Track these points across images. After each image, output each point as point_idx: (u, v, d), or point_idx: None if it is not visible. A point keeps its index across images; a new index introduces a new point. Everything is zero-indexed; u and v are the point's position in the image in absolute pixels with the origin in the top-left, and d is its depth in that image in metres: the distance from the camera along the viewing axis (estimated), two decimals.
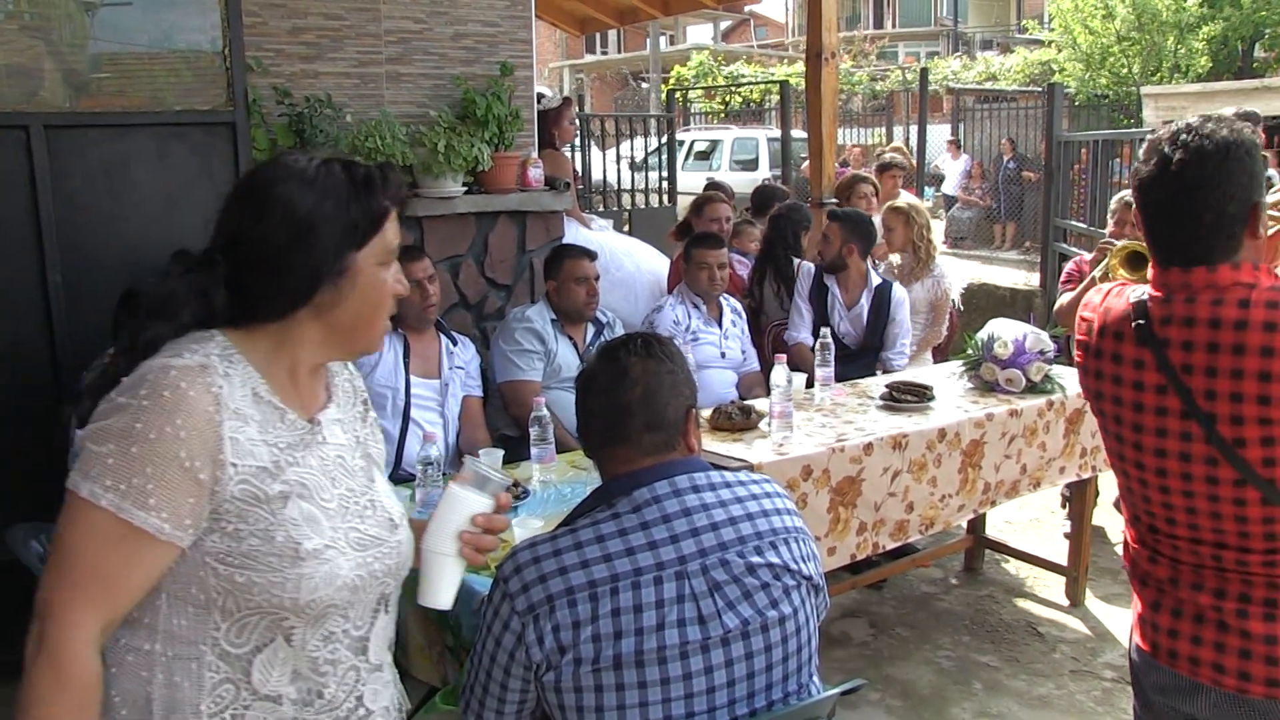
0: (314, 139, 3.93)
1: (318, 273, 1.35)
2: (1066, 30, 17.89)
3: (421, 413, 3.62)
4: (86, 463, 1.25)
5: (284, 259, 1.34)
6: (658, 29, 24.35)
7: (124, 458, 1.24)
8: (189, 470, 1.26)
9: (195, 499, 1.27)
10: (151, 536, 1.25)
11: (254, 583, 1.31)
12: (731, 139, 15.48)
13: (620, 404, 1.67)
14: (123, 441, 1.24)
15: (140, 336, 1.33)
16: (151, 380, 1.27)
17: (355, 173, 1.40)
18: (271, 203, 1.36)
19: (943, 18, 31.26)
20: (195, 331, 1.35)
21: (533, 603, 1.56)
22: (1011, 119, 13.91)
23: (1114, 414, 1.76)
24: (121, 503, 1.24)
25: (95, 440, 1.25)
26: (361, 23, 4.18)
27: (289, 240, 1.34)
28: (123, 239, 3.39)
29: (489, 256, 4.51)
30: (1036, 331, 3.84)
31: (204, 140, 3.52)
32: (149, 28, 3.46)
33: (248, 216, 1.36)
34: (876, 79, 20.14)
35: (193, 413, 1.26)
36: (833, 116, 5.69)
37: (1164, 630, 1.75)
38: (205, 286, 1.35)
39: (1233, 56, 18.12)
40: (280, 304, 1.36)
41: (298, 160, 1.39)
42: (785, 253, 4.98)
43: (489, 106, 4.31)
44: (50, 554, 1.29)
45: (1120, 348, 1.73)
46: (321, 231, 1.35)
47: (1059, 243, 7.96)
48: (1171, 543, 1.73)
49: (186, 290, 1.35)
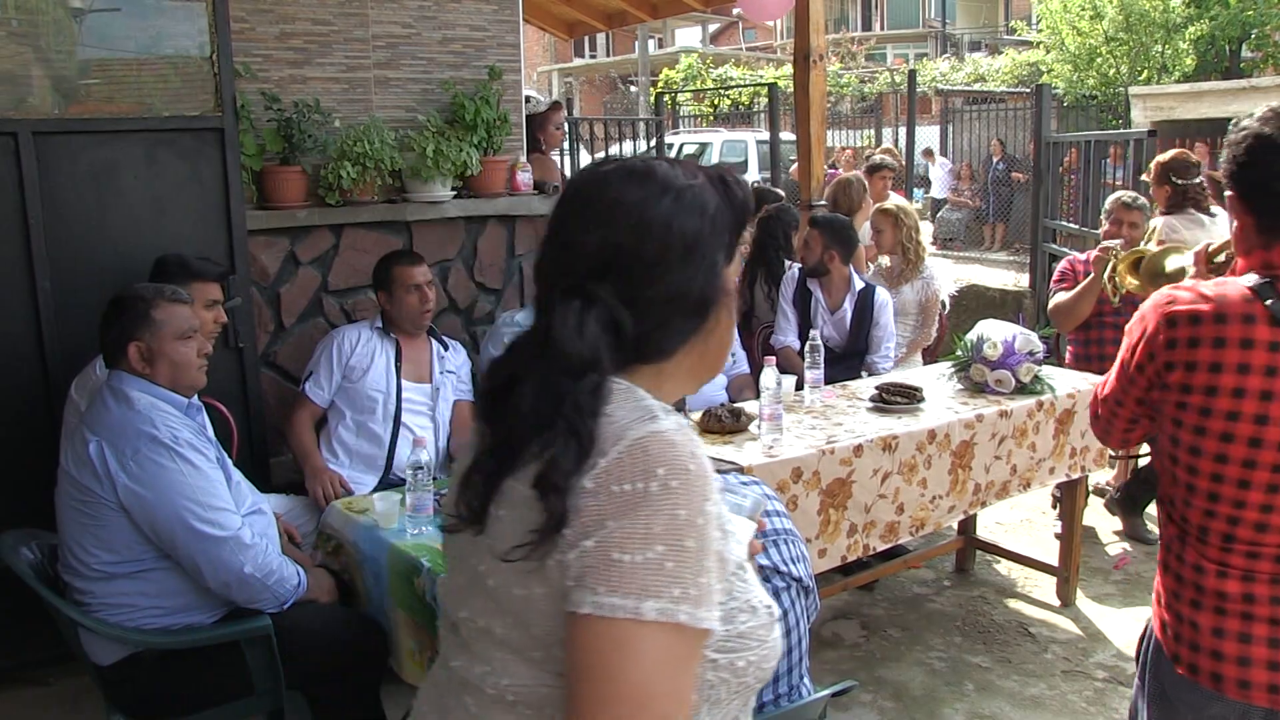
0: (303, 144, 3.93)
1: (709, 298, 1.18)
2: (1054, 31, 17.96)
3: (413, 417, 3.62)
4: (629, 577, 1.00)
5: (680, 285, 1.15)
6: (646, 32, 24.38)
7: (681, 555, 1.01)
8: (719, 551, 1.07)
9: (722, 582, 1.09)
10: (709, 634, 1.04)
11: (750, 662, 1.13)
12: (720, 142, 15.51)
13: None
14: (671, 538, 1.01)
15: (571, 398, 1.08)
16: (663, 455, 1.05)
17: (714, 178, 1.22)
18: (652, 221, 1.14)
19: (931, 19, 31.35)
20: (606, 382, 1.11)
21: None
22: (1000, 120, 13.97)
23: (1229, 409, 1.65)
24: (696, 611, 1.01)
25: (624, 548, 1.01)
26: (349, 28, 4.18)
27: (683, 263, 1.15)
28: (111, 245, 3.38)
29: (478, 261, 4.51)
30: (1026, 332, 3.85)
31: (192, 146, 3.51)
32: (137, 34, 3.45)
33: (625, 236, 1.14)
34: (865, 81, 20.19)
35: (712, 483, 1.07)
36: (821, 118, 5.70)
37: (1231, 659, 1.68)
38: (609, 325, 1.12)
39: (1220, 56, 18.19)
40: (675, 337, 1.17)
41: (660, 168, 1.19)
42: (777, 254, 4.99)
43: (477, 111, 4.31)
44: (615, 709, 0.99)
45: (1252, 331, 1.64)
46: (709, 248, 1.17)
47: (1048, 243, 7.98)
48: (1251, 550, 1.67)
49: (596, 333, 1.11)
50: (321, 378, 3.57)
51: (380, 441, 3.58)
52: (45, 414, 3.27)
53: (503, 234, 4.57)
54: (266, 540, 2.61)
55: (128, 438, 2.44)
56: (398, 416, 3.59)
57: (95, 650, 2.54)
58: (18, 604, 2.78)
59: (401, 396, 3.60)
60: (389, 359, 3.61)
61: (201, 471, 2.49)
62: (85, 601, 2.50)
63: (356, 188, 4.03)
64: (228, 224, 3.61)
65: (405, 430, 3.58)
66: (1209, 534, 1.70)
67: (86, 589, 2.49)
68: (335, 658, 2.64)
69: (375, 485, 3.49)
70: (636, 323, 1.12)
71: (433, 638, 2.49)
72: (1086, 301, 4.41)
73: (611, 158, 1.28)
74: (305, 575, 2.68)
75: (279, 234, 3.98)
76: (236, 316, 3.58)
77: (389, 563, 2.66)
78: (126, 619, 2.50)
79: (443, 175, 4.19)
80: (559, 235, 1.18)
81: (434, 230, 4.33)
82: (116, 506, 2.43)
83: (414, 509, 2.73)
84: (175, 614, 2.54)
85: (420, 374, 3.68)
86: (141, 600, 2.51)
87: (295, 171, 3.96)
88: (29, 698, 3.40)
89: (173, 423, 2.51)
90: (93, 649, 2.54)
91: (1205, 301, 1.68)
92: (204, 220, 3.56)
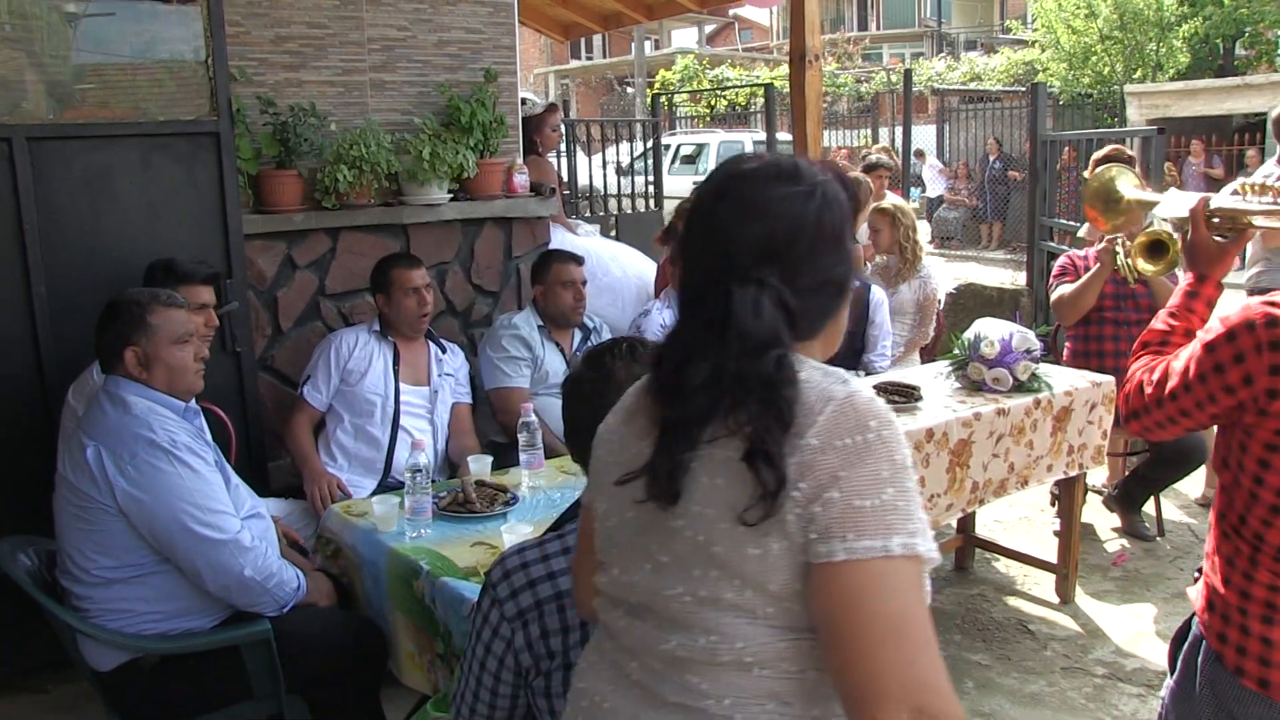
0: (299, 148, 3.93)
1: (847, 280, 1.31)
2: (1049, 30, 18.01)
3: (411, 420, 3.61)
4: (873, 520, 1.13)
5: (828, 271, 1.27)
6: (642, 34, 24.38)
7: (907, 495, 1.15)
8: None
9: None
10: (934, 562, 1.17)
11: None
12: (717, 142, 15.52)
13: (605, 409, 1.68)
14: (897, 480, 1.15)
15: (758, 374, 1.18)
16: (870, 410, 1.18)
17: (836, 174, 1.33)
18: (806, 215, 1.26)
19: (926, 19, 31.38)
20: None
21: (521, 608, 1.57)
22: (996, 119, 14.01)
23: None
24: (927, 541, 1.15)
25: (862, 495, 1.14)
26: (345, 31, 4.18)
27: (830, 251, 1.27)
28: (107, 250, 3.38)
29: (475, 263, 4.51)
30: (1023, 330, 3.85)
31: (188, 150, 3.51)
32: (132, 38, 3.45)
33: (783, 229, 1.25)
34: (861, 81, 20.21)
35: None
36: (817, 119, 5.70)
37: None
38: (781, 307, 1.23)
39: (1214, 54, 18.22)
40: (822, 317, 1.30)
41: (804, 166, 1.30)
42: None
43: (473, 113, 4.31)
44: (883, 636, 1.11)
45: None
46: (846, 236, 1.30)
47: (1045, 241, 7.98)
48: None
49: (773, 314, 1.21)
50: (319, 381, 3.57)
51: (378, 444, 3.58)
52: (43, 419, 3.26)
53: (500, 236, 4.57)
54: (266, 543, 2.61)
55: (125, 442, 2.44)
56: (396, 419, 3.59)
57: (94, 656, 2.54)
58: (15, 610, 2.77)
59: (400, 400, 3.60)
60: (387, 362, 3.61)
61: (200, 475, 2.49)
62: (84, 607, 2.49)
63: (353, 191, 4.03)
64: (224, 228, 3.60)
65: (403, 433, 3.57)
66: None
67: (85, 594, 2.49)
68: (335, 661, 2.63)
69: (374, 488, 3.49)
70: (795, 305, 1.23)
71: (432, 640, 2.49)
72: (1091, 292, 4.44)
73: (749, 155, 1.34)
74: (305, 578, 2.68)
75: (275, 238, 3.98)
76: (233, 320, 3.58)
77: (388, 566, 2.66)
78: (125, 624, 2.50)
79: (439, 178, 4.19)
80: (715, 229, 1.26)
81: (431, 233, 4.33)
82: (115, 511, 2.43)
83: (412, 512, 2.73)
84: (174, 619, 2.54)
85: (418, 377, 3.68)
86: (140, 605, 2.51)
87: (291, 175, 3.96)
88: (27, 705, 3.39)
89: (170, 426, 2.51)
90: (91, 655, 2.54)
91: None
92: (200, 225, 3.56)
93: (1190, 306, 1.89)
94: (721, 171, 1.32)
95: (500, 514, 2.83)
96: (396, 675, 2.71)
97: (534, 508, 2.91)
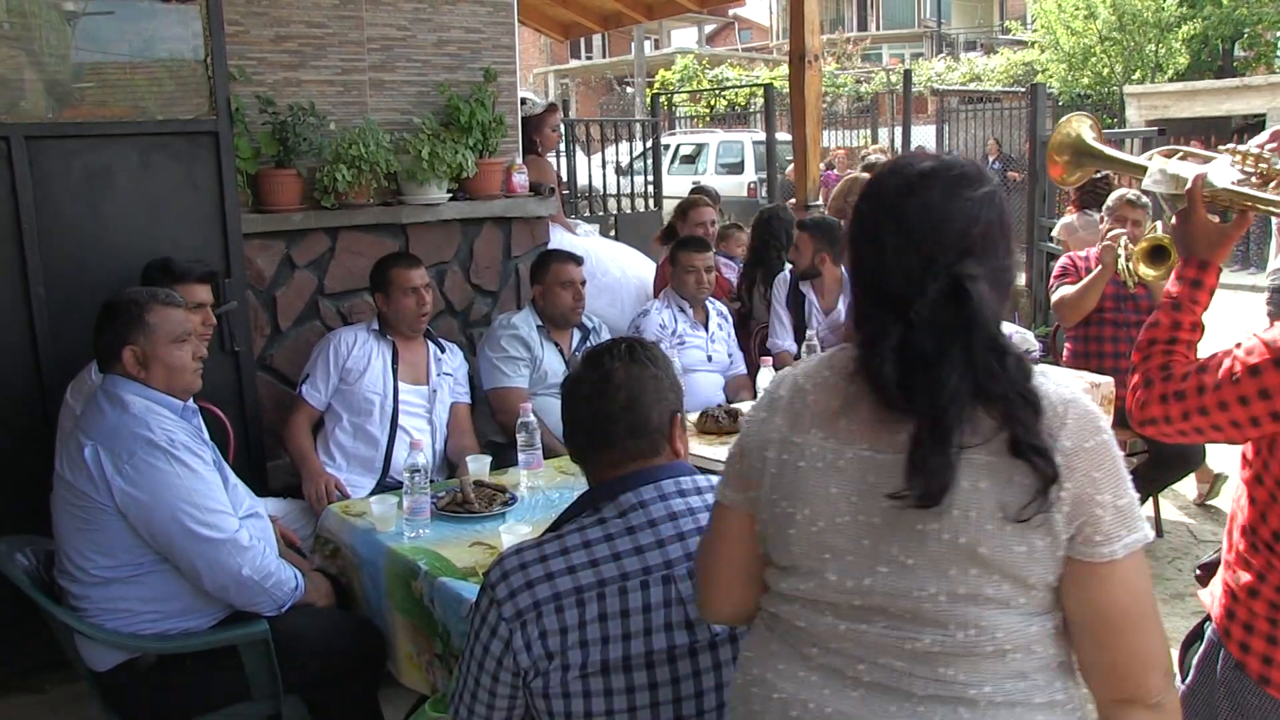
0: (298, 147, 3.93)
1: (1013, 279, 1.41)
2: (1049, 31, 18.02)
3: (410, 420, 3.61)
4: (1132, 515, 1.27)
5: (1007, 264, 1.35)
6: (642, 33, 24.38)
7: (1132, 489, 1.29)
8: None
9: None
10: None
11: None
12: (717, 142, 15.50)
13: (604, 410, 1.67)
14: (1127, 476, 1.29)
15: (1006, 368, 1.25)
16: (1095, 411, 1.29)
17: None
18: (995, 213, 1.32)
19: (926, 19, 31.39)
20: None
21: (520, 609, 1.56)
22: (996, 120, 13.98)
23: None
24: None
25: (1118, 494, 1.27)
26: (344, 30, 4.18)
27: (1009, 246, 1.35)
28: (106, 250, 3.38)
29: (475, 263, 4.51)
30: (1022, 331, 3.86)
31: (187, 150, 3.51)
32: (131, 37, 3.44)
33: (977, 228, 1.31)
34: (861, 81, 20.21)
35: None
36: (816, 119, 5.71)
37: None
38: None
39: (1214, 55, 18.24)
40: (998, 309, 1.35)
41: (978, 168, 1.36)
42: (778, 254, 5.00)
43: (473, 113, 4.31)
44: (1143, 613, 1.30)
45: None
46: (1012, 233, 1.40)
47: (1044, 242, 7.98)
48: None
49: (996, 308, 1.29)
50: (318, 380, 3.57)
51: (377, 444, 3.57)
52: (41, 419, 3.26)
53: (499, 236, 4.56)
54: (264, 543, 2.61)
55: (123, 441, 2.43)
56: (395, 419, 3.58)
57: (91, 656, 2.53)
58: (14, 611, 2.77)
59: (399, 399, 3.60)
60: (386, 361, 3.60)
61: (198, 474, 2.48)
62: (82, 607, 2.49)
63: (352, 190, 4.02)
64: (223, 228, 3.60)
65: (402, 433, 3.57)
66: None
67: (83, 594, 2.49)
68: (333, 662, 2.63)
69: (372, 488, 3.48)
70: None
71: (430, 640, 2.49)
72: (1094, 294, 4.44)
73: (917, 155, 1.39)
74: (303, 579, 2.67)
75: (274, 237, 3.98)
76: (232, 320, 3.58)
77: (386, 566, 2.66)
78: (123, 624, 2.49)
79: (438, 178, 4.19)
80: (911, 229, 1.28)
81: (430, 233, 4.33)
82: (113, 511, 2.42)
83: (411, 512, 2.72)
84: (172, 618, 2.54)
85: (417, 376, 3.68)
86: (138, 605, 2.50)
87: (290, 175, 3.96)
88: (26, 705, 3.38)
89: (168, 426, 2.50)
90: (89, 655, 2.53)
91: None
92: (199, 224, 3.56)
93: (1195, 297, 1.77)
94: (898, 173, 1.34)
95: (499, 514, 2.82)
96: (395, 675, 2.71)
97: (532, 508, 2.91)
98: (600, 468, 1.70)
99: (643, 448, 1.68)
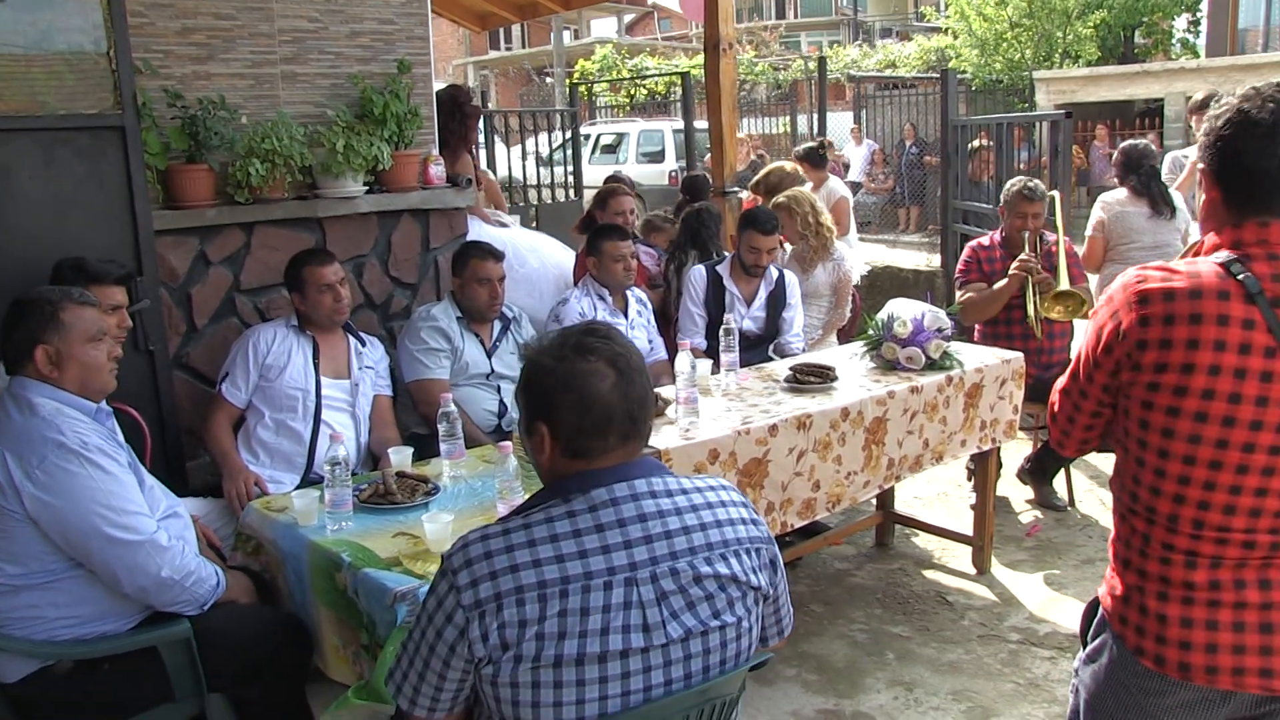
0: (209, 142, 3.86)
1: None
2: (963, 17, 18.38)
3: (333, 414, 3.59)
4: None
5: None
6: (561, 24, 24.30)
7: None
8: None
9: None
10: None
11: None
12: (637, 131, 15.53)
13: (635, 395, 1.66)
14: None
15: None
16: None
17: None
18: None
19: (843, 7, 31.78)
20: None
21: (480, 599, 1.54)
22: (911, 105, 14.25)
23: (1204, 386, 1.63)
24: None
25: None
26: (253, 22, 4.11)
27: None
28: (11, 248, 3.28)
29: (393, 255, 4.48)
30: (935, 310, 3.96)
31: (92, 145, 3.42)
32: (25, 28, 3.33)
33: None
34: (779, 69, 20.39)
35: None
36: (732, 106, 5.78)
37: (1199, 647, 1.69)
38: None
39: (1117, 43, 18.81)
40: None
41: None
42: (712, 241, 5.07)
43: (387, 105, 4.27)
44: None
45: (1227, 307, 1.62)
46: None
47: (958, 224, 8.18)
48: (1220, 536, 1.67)
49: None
50: (238, 378, 3.52)
51: (300, 439, 3.54)
52: None
53: (416, 228, 4.54)
54: (183, 542, 2.58)
55: (34, 446, 2.38)
56: (318, 414, 3.56)
57: (0, 666, 2.47)
58: None
59: (321, 394, 3.57)
60: (307, 356, 3.57)
61: (113, 476, 2.45)
62: None
63: (266, 185, 3.97)
64: (133, 224, 3.53)
65: (325, 427, 3.54)
66: (1179, 521, 1.69)
67: None
68: (258, 659, 2.61)
69: (297, 484, 3.45)
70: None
71: (356, 632, 2.49)
72: (998, 304, 4.62)
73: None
74: (224, 576, 2.65)
75: (187, 234, 3.91)
76: (145, 319, 3.51)
77: (309, 559, 2.65)
78: (35, 631, 2.44)
79: (354, 170, 4.15)
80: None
81: (347, 226, 4.29)
82: (23, 518, 2.37)
83: (332, 505, 2.71)
84: (89, 623, 2.49)
85: (339, 370, 3.65)
86: (51, 611, 2.45)
87: (202, 170, 3.89)
88: None
89: (80, 429, 2.46)
90: None
91: (1179, 277, 1.66)
92: (107, 221, 3.48)
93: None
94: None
95: (421, 504, 2.83)
96: (322, 669, 2.70)
97: (455, 497, 2.92)
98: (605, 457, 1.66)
99: (644, 433, 1.70)
